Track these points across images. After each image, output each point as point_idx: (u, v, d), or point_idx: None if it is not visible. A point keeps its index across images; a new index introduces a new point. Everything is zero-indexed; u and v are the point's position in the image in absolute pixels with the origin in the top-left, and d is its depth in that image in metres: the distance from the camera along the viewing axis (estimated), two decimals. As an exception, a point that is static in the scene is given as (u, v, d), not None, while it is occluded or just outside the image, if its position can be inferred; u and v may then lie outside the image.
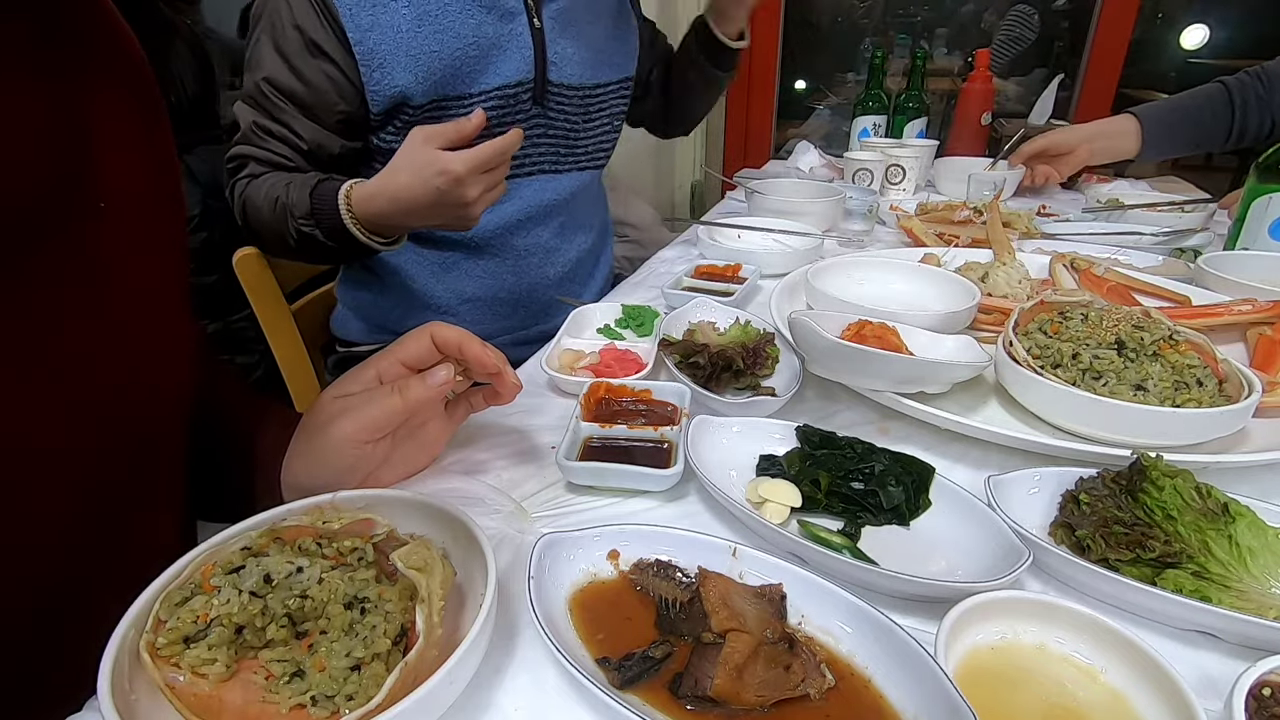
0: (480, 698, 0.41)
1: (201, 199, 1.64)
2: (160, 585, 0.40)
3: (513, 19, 1.04)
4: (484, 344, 0.57)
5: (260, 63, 0.97)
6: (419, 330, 0.58)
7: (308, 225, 0.93)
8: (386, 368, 0.57)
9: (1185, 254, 1.12)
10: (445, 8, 0.98)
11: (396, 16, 0.96)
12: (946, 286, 0.90)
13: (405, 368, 0.57)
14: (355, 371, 0.58)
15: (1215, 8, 2.44)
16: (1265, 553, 0.48)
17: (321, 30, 0.95)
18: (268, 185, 0.97)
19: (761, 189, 1.36)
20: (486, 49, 1.02)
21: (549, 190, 1.16)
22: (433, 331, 0.57)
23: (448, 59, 0.99)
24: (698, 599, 0.44)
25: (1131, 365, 0.64)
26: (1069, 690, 0.41)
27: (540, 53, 1.07)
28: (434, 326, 0.57)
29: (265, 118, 0.99)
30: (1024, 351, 0.66)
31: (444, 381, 0.55)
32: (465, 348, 0.56)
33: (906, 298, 0.93)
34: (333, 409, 0.55)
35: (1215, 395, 0.62)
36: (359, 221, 0.91)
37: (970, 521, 0.53)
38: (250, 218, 1.00)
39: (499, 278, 1.17)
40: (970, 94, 1.74)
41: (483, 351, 0.56)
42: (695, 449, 0.59)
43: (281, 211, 0.94)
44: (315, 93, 0.97)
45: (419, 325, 0.58)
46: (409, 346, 0.57)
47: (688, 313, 0.87)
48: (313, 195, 0.92)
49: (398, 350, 0.57)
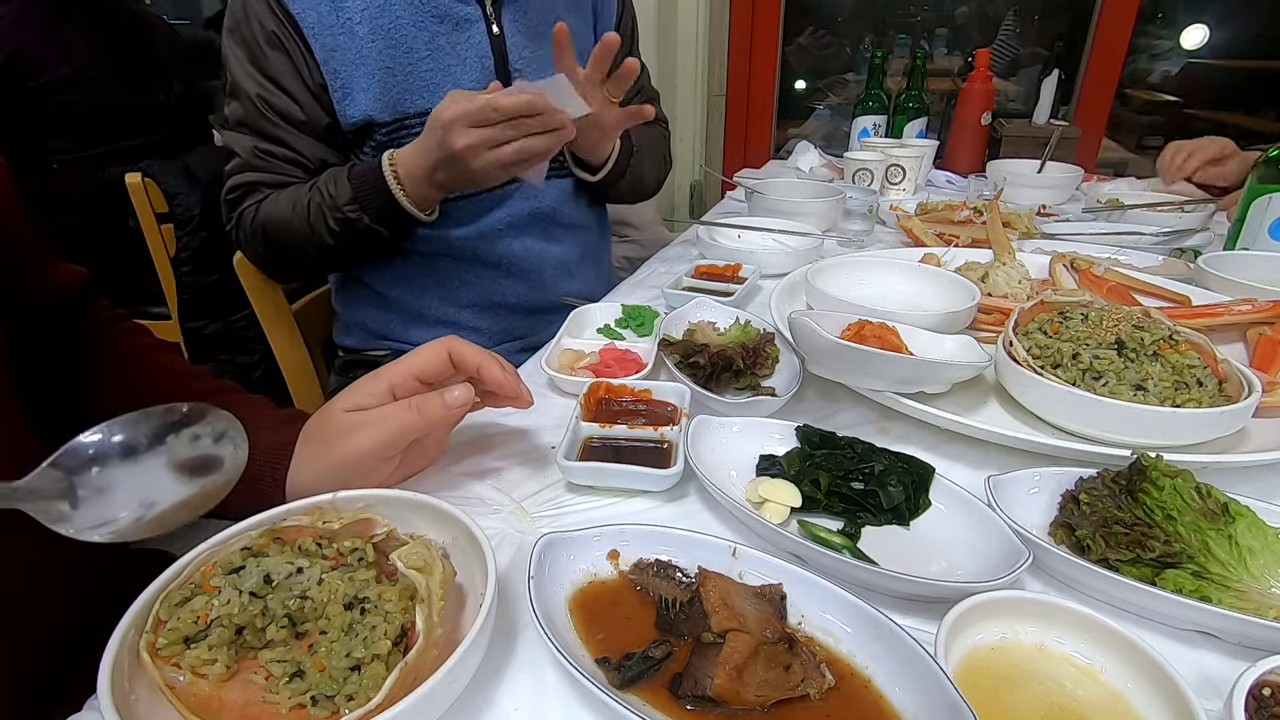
0: (480, 698, 0.41)
1: (201, 199, 1.64)
2: (160, 585, 0.40)
3: (469, 26, 1.02)
4: (502, 364, 0.56)
5: (242, 87, 0.97)
6: (436, 344, 0.56)
7: (353, 210, 0.92)
8: (400, 381, 0.55)
9: (1185, 254, 1.12)
10: (397, 21, 0.97)
11: (355, 38, 0.95)
12: (946, 286, 0.90)
13: (419, 382, 0.56)
14: (366, 382, 0.56)
15: (1215, 8, 2.44)
16: (1265, 553, 0.48)
17: (298, 52, 0.95)
18: (285, 197, 0.97)
19: (761, 189, 1.36)
20: (443, 61, 1.00)
21: (533, 197, 1.13)
22: (450, 347, 0.56)
23: (403, 75, 0.98)
24: (698, 599, 0.44)
25: (1131, 365, 0.64)
26: (1069, 690, 0.41)
27: (501, 60, 1.05)
28: (452, 342, 0.56)
29: (265, 140, 0.98)
30: (1024, 351, 0.66)
31: (464, 404, 0.54)
32: (485, 370, 0.55)
33: (906, 298, 0.93)
34: (346, 422, 0.54)
35: (1215, 395, 0.62)
36: (405, 189, 0.92)
37: (970, 521, 0.53)
38: (272, 235, 0.98)
39: (495, 283, 1.15)
40: (970, 94, 1.74)
41: (502, 375, 0.55)
42: (695, 449, 0.59)
43: (315, 210, 0.94)
44: (306, 110, 0.97)
45: (421, 336, 0.56)
46: (424, 359, 0.56)
47: (688, 313, 0.87)
48: (351, 179, 0.92)
49: (411, 363, 0.56)
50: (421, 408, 0.53)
